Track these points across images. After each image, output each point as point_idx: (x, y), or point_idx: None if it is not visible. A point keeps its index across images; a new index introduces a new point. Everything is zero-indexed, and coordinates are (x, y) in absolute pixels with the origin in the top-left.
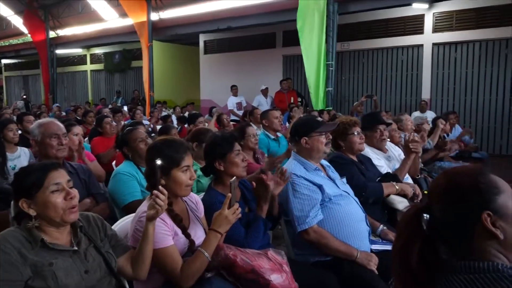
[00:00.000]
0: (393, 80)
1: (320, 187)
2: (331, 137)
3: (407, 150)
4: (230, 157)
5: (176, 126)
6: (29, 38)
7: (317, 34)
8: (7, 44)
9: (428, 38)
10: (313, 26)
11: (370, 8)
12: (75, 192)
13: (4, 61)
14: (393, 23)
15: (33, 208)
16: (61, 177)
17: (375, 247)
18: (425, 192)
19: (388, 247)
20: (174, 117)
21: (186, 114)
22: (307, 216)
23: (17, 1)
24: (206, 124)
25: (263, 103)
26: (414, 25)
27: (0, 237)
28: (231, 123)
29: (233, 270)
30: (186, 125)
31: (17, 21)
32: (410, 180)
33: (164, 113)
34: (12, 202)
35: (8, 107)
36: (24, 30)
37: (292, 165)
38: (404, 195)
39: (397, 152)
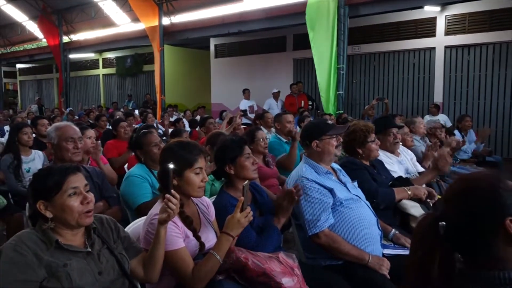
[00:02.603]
0: (404, 83)
1: (331, 190)
2: (341, 140)
3: (435, 166)
4: (240, 161)
5: (187, 129)
6: (42, 43)
7: (328, 38)
8: (21, 49)
9: (440, 41)
10: (324, 29)
11: (381, 11)
12: (91, 196)
13: (18, 65)
14: (404, 26)
15: (50, 210)
16: (79, 181)
17: (387, 251)
18: (439, 196)
19: (400, 252)
20: (185, 121)
21: (198, 117)
22: (318, 220)
23: (31, 7)
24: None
25: (273, 107)
26: (426, 28)
27: (16, 238)
28: (242, 126)
29: (244, 273)
30: (196, 128)
31: (32, 27)
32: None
33: (175, 117)
34: (27, 203)
35: (23, 111)
36: (39, 35)
37: (303, 169)
38: (417, 200)
39: (410, 156)
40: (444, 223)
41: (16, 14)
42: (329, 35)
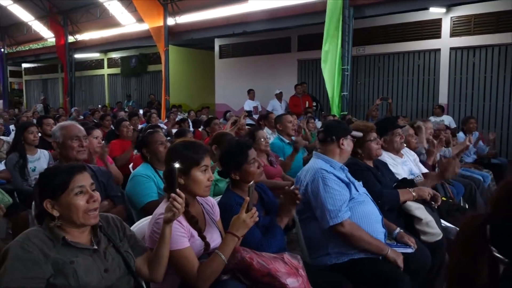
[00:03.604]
0: (409, 85)
1: (348, 185)
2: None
3: (442, 174)
4: (245, 168)
5: (191, 129)
6: (48, 43)
7: (333, 39)
8: (27, 48)
9: (445, 42)
10: (329, 30)
11: (386, 13)
12: (97, 195)
13: (24, 65)
14: (409, 28)
15: (57, 209)
16: (85, 180)
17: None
18: (443, 198)
19: (403, 250)
20: (190, 121)
21: (203, 118)
22: (340, 210)
23: (37, 7)
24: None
25: (277, 108)
26: (431, 29)
27: (23, 236)
28: (246, 127)
29: (249, 273)
30: (200, 129)
31: (37, 26)
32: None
33: (179, 117)
34: (34, 202)
35: (28, 110)
36: (44, 35)
37: (319, 163)
38: (421, 201)
39: (413, 157)
40: (491, 225)
41: (22, 14)
42: (334, 36)
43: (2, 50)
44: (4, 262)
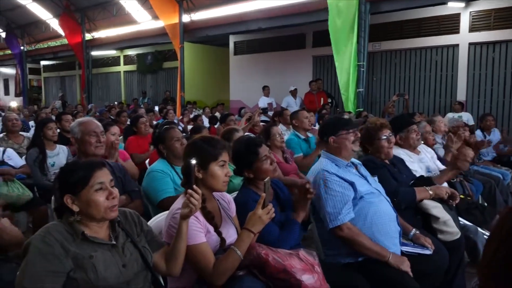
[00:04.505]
0: (426, 81)
1: (352, 184)
2: (359, 134)
3: (454, 163)
4: (257, 166)
5: (206, 126)
6: (66, 40)
7: (348, 35)
8: (45, 46)
9: (464, 37)
10: (344, 26)
11: (403, 8)
12: (116, 191)
13: (43, 62)
14: (427, 23)
15: (77, 204)
16: (104, 176)
17: (406, 249)
18: (461, 196)
19: (419, 251)
20: (204, 118)
21: (217, 114)
22: (340, 213)
23: (55, 5)
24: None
25: (292, 104)
26: (449, 24)
27: (44, 230)
28: (261, 123)
29: (264, 269)
30: (215, 125)
31: (55, 24)
32: (444, 184)
33: (194, 114)
34: (53, 196)
35: (47, 107)
36: (62, 32)
37: (323, 163)
38: (438, 199)
39: (430, 154)
40: None
41: (41, 12)
42: (350, 32)
43: (22, 48)
44: (26, 255)
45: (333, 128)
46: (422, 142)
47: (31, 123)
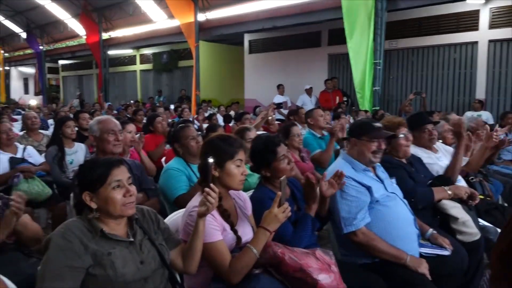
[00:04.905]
0: (444, 79)
1: (368, 189)
2: (383, 146)
3: (457, 136)
4: (274, 165)
5: (222, 124)
6: (83, 40)
7: (365, 33)
8: (64, 45)
9: (483, 35)
10: (360, 24)
11: (421, 5)
12: (133, 189)
13: (61, 61)
14: (445, 20)
15: (95, 201)
16: (122, 174)
17: (424, 250)
18: (481, 196)
19: (438, 251)
20: (219, 116)
21: (231, 113)
22: (355, 218)
23: (73, 5)
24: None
25: (307, 103)
26: (468, 21)
27: (64, 226)
28: (276, 122)
29: (281, 268)
30: (230, 124)
31: (73, 24)
32: (463, 184)
33: (209, 112)
34: (72, 193)
35: (65, 106)
36: (80, 32)
37: (340, 165)
38: (458, 199)
39: (448, 153)
40: None
41: (59, 12)
42: (366, 29)
43: (41, 47)
44: (47, 251)
45: (359, 130)
46: (441, 141)
47: (50, 121)
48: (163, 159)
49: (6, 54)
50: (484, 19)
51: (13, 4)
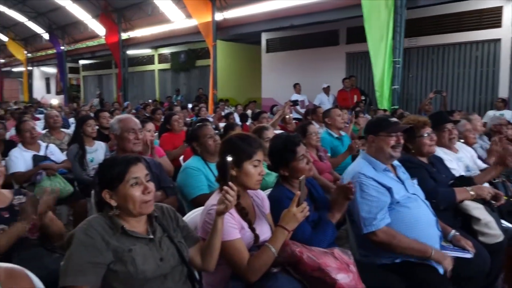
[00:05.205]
0: (465, 78)
1: (389, 189)
2: (402, 141)
3: (500, 161)
4: (293, 165)
5: (239, 123)
6: (103, 40)
7: (384, 31)
8: (84, 46)
9: (507, 32)
10: (381, 22)
11: (441, 2)
12: (151, 186)
13: (81, 61)
14: (466, 17)
15: (114, 199)
16: (140, 171)
17: (446, 252)
18: (505, 197)
19: (460, 254)
20: (236, 115)
21: (248, 112)
22: (375, 218)
23: (93, 6)
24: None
25: (324, 102)
26: (491, 18)
27: (86, 222)
28: (293, 121)
29: (299, 267)
30: (247, 123)
31: (93, 25)
32: (486, 185)
33: (226, 111)
34: (93, 191)
35: (86, 105)
36: (99, 32)
37: (360, 165)
38: (480, 200)
39: (469, 153)
40: None
41: (80, 13)
42: (385, 27)
43: (62, 48)
44: (70, 246)
45: (375, 127)
46: (462, 141)
47: (71, 120)
48: (181, 158)
49: (29, 55)
50: (508, 15)
51: (36, 5)
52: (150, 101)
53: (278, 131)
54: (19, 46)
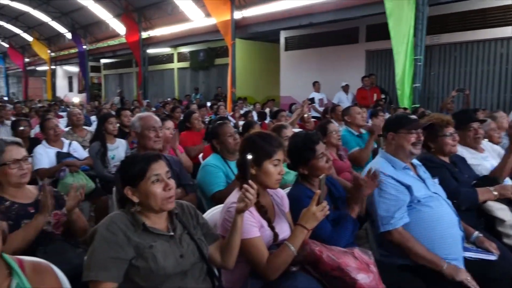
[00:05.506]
0: (489, 75)
1: (408, 187)
2: (422, 138)
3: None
4: (312, 163)
5: (257, 122)
6: (124, 39)
7: (405, 28)
8: (105, 45)
9: None
10: (403, 19)
11: None
12: (172, 183)
13: (103, 60)
14: (491, 13)
15: (136, 196)
16: (161, 168)
17: (469, 254)
18: None
19: (483, 256)
20: (254, 113)
21: (267, 110)
22: (392, 217)
23: (115, 6)
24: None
25: (343, 100)
26: None
27: (108, 219)
28: (312, 119)
29: (318, 266)
30: (266, 121)
31: (114, 24)
32: (510, 183)
33: (244, 109)
34: (115, 188)
35: (107, 103)
36: (120, 32)
37: (379, 163)
38: (506, 201)
39: (497, 152)
40: None
41: (101, 13)
42: (407, 24)
43: (84, 47)
44: (93, 242)
45: (395, 124)
46: (487, 140)
47: (93, 118)
48: (200, 155)
49: (53, 54)
50: None
51: (60, 5)
52: (169, 99)
53: (297, 130)
54: (43, 46)
